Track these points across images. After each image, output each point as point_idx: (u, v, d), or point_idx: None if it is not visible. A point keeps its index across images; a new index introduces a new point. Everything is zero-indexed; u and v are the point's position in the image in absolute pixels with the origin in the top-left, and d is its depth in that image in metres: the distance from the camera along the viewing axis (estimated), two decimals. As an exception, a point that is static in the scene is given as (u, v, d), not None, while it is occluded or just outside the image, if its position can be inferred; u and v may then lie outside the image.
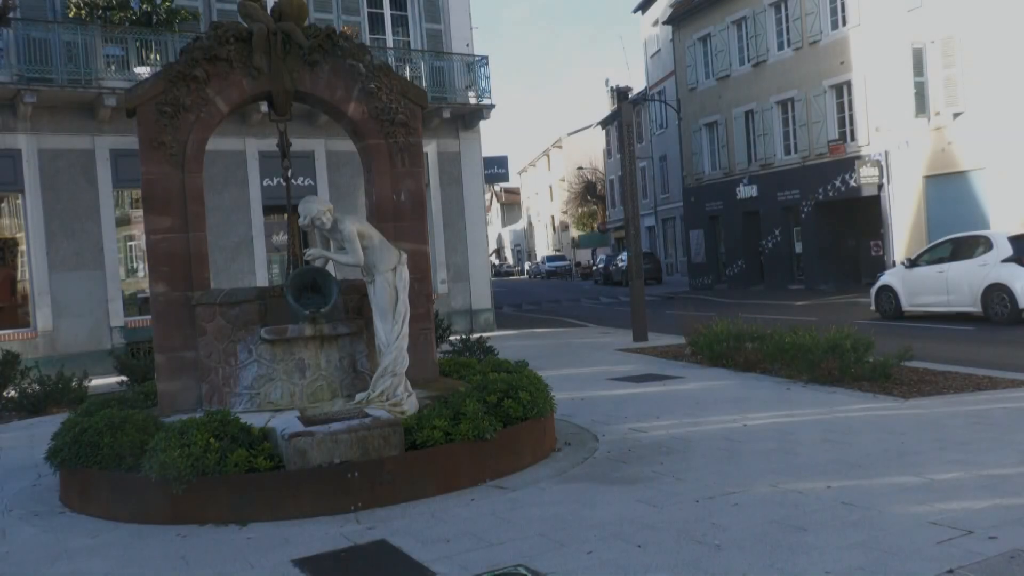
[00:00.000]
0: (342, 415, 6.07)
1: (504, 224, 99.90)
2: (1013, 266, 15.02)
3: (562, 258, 68.62)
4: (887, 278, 17.45)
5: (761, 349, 10.91)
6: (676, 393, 9.54)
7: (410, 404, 6.41)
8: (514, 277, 80.00)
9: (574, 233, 72.54)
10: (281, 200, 17.37)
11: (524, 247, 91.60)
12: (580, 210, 69.36)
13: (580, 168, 62.13)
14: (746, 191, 32.33)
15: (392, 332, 6.42)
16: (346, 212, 10.00)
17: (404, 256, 6.64)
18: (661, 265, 43.52)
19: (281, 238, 18.49)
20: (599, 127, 60.03)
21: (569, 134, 73.41)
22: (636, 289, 16.13)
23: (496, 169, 29.55)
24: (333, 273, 6.92)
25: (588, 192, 66.65)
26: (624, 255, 40.09)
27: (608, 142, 58.26)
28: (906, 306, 16.89)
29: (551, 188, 79.65)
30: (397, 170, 7.50)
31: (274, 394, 6.60)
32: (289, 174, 7.55)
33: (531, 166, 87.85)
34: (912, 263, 16.82)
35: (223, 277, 17.09)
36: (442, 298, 19.72)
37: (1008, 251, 15.18)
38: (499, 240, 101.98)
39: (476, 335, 11.57)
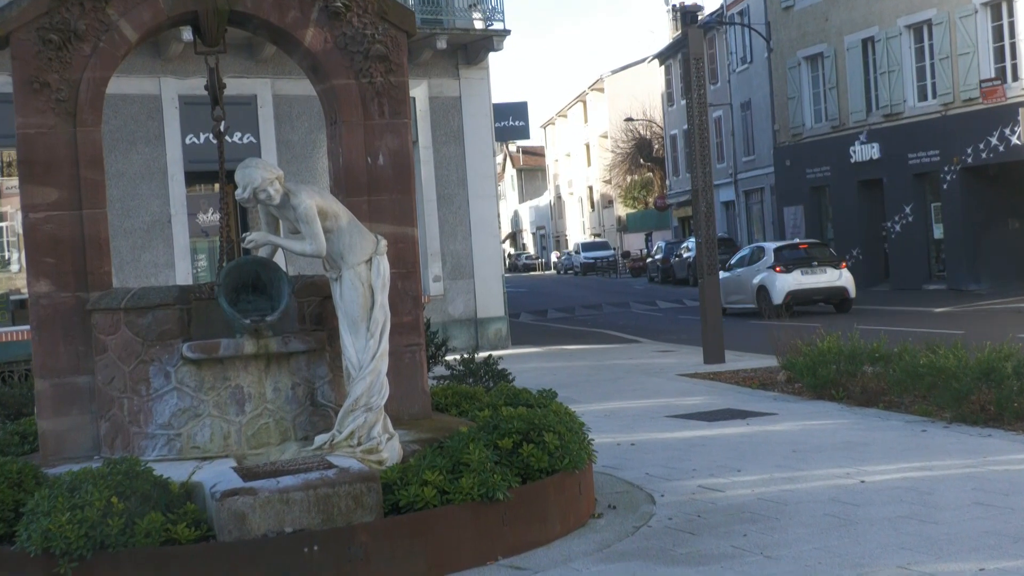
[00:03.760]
0: (296, 465, 6.07)
1: (522, 198, 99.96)
2: None
3: (603, 246, 68.48)
4: None
5: (885, 375, 10.85)
6: (765, 436, 9.50)
7: (391, 450, 6.41)
8: (536, 272, 79.95)
9: (620, 211, 72.40)
10: (211, 164, 17.38)
11: (550, 231, 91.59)
12: (629, 179, 69.16)
13: (629, 120, 62.01)
14: (864, 152, 32.17)
15: (366, 349, 6.41)
16: (302, 181, 9.96)
17: (383, 243, 6.63)
18: (743, 256, 43.38)
19: (211, 217, 18.55)
20: (656, 62, 59.90)
21: (613, 72, 73.27)
22: (709, 290, 16.06)
23: (512, 121, 29.52)
24: (283, 267, 6.93)
25: (640, 153, 66.46)
26: (691, 242, 40.00)
27: (669, 83, 58.13)
28: None
29: (588, 148, 79.53)
30: (373, 122, 7.49)
31: (201, 435, 6.61)
32: (223, 127, 7.55)
33: (560, 117, 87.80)
34: None
35: (129, 271, 17.16)
36: (436, 302, 19.73)
37: None
38: (515, 221, 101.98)
39: (483, 354, 11.54)
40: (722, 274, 24.26)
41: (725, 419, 10.60)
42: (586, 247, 68.11)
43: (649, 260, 51.88)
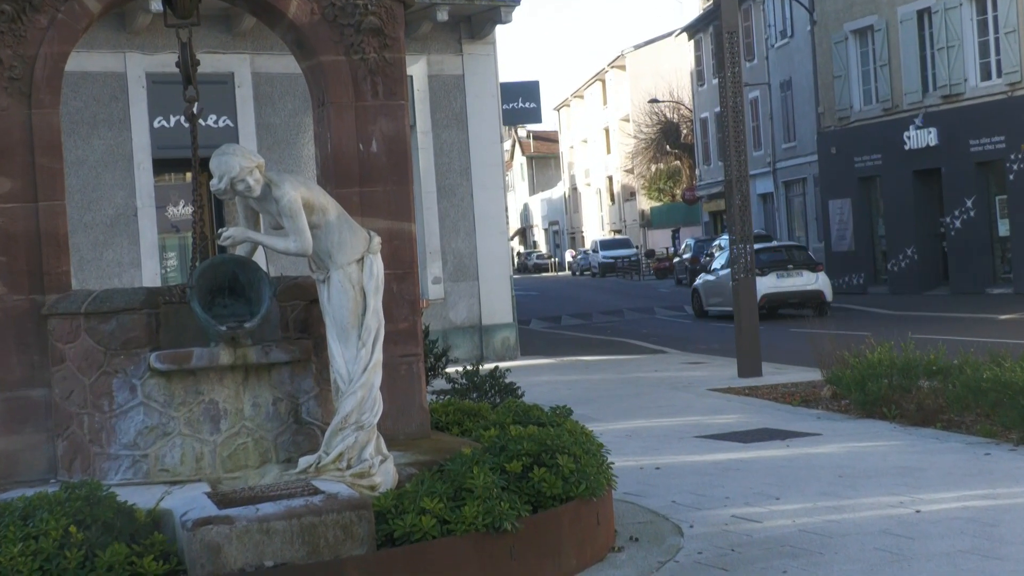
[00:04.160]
0: (278, 491, 6.07)
1: (533, 190, 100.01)
2: None
3: (625, 243, 68.51)
4: None
5: (944, 390, 10.84)
6: (807, 460, 9.51)
7: (384, 474, 6.41)
8: (548, 273, 79.94)
9: (644, 205, 72.41)
10: (183, 151, 17.38)
11: (564, 226, 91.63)
12: (653, 168, 69.20)
13: (654, 101, 62.07)
14: (920, 138, 32.12)
15: (357, 360, 6.41)
16: (285, 170, 9.94)
17: (376, 240, 6.63)
18: (783, 255, 43.32)
19: (182, 210, 18.57)
20: (684, 36, 59.92)
21: (636, 47, 73.32)
22: (743, 294, 16.04)
23: (522, 103, 29.57)
24: (264, 266, 6.93)
25: (666, 139, 66.52)
26: (723, 240, 40.00)
27: (698, 60, 58.11)
28: None
29: (607, 133, 79.57)
30: (365, 103, 7.49)
31: (171, 457, 6.61)
32: (196, 109, 7.56)
33: (576, 98, 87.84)
34: None
35: (91, 271, 17.19)
36: (436, 307, 19.74)
37: None
38: (525, 215, 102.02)
39: (489, 365, 11.54)
40: (704, 276, 30.36)
41: (762, 440, 10.59)
42: (605, 245, 68.10)
43: (676, 260, 51.84)
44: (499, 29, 20.79)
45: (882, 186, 34.63)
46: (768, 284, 26.03)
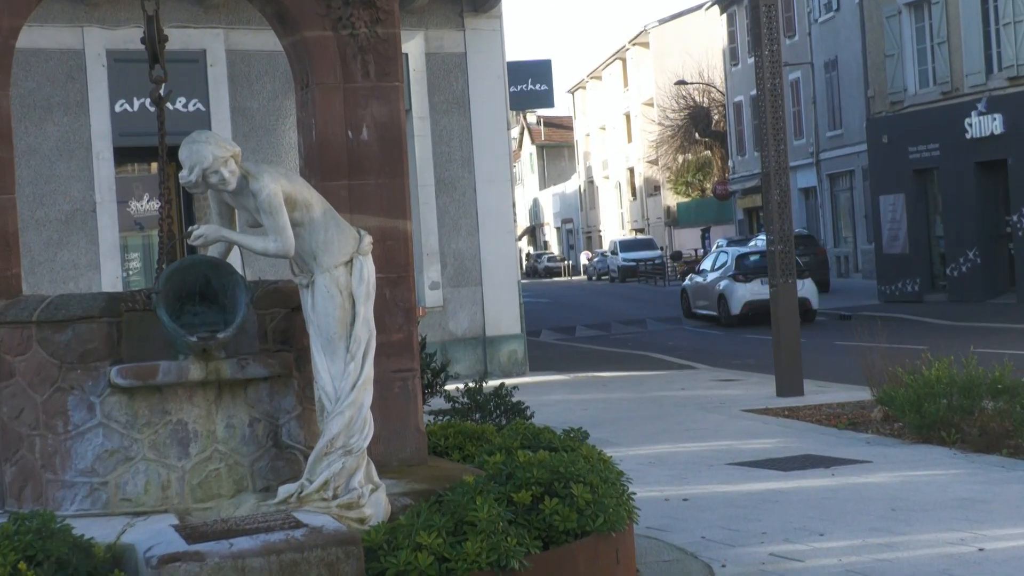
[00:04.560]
0: (254, 524, 6.06)
1: (544, 184, 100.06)
2: None
3: (648, 244, 68.48)
4: None
5: (1010, 412, 10.82)
6: (856, 490, 9.50)
7: (375, 505, 6.41)
8: (561, 278, 79.92)
9: (670, 200, 72.42)
10: (149, 138, 17.40)
11: (579, 225, 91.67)
12: (680, 159, 69.19)
13: (681, 83, 62.08)
14: (983, 125, 32.05)
15: (345, 376, 6.41)
16: (264, 161, 9.95)
17: (367, 240, 6.62)
18: (827, 258, 43.29)
19: (147, 206, 18.59)
20: (715, 9, 59.95)
21: (661, 22, 73.35)
22: (783, 302, 16.02)
23: (531, 84, 29.59)
24: (240, 269, 6.93)
25: (695, 126, 66.50)
26: (760, 240, 39.99)
27: (732, 36, 58.14)
28: None
29: (628, 119, 79.63)
30: (355, 85, 7.49)
31: (133, 484, 6.61)
32: (164, 92, 7.56)
33: (593, 79, 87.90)
34: None
35: (44, 274, 17.21)
36: (434, 315, 19.73)
37: None
38: (535, 212, 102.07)
39: (493, 382, 11.54)
40: (693, 277, 35.14)
41: (804, 468, 10.58)
42: (625, 246, 68.04)
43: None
44: (506, 1, 20.81)
45: (940, 180, 34.56)
46: (752, 291, 28.79)
